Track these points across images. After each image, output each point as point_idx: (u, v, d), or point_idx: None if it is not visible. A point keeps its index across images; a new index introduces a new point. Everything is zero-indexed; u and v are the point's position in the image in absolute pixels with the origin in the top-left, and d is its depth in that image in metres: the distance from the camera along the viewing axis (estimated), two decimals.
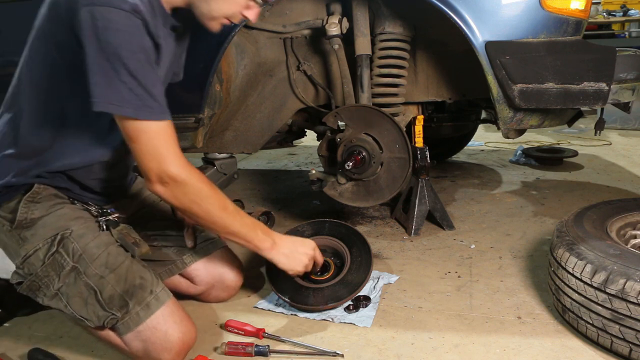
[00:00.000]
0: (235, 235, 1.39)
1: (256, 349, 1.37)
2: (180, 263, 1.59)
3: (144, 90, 1.19)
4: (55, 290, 1.31)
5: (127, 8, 1.14)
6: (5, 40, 2.06)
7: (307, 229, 1.79)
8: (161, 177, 1.25)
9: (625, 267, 1.26)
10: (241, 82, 2.06)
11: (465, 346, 1.40)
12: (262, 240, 1.43)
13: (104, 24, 1.13)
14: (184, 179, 1.27)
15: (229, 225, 1.37)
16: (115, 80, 1.15)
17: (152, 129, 1.22)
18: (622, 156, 3.58)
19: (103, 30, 1.13)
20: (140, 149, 1.23)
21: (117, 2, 1.13)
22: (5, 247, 1.40)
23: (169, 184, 1.26)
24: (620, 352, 1.28)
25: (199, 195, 1.30)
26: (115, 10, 1.13)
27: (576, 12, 1.72)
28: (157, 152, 1.23)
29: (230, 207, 1.37)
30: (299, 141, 3.39)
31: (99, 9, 1.12)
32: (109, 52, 1.14)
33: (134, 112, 1.19)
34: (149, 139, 1.22)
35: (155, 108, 1.21)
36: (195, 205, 1.30)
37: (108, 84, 1.15)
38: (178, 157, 1.26)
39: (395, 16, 2.01)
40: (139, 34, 1.18)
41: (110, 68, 1.15)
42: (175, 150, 1.26)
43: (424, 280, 1.78)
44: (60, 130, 1.33)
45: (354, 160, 1.94)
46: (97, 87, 1.15)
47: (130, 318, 1.29)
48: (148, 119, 1.21)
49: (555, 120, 1.92)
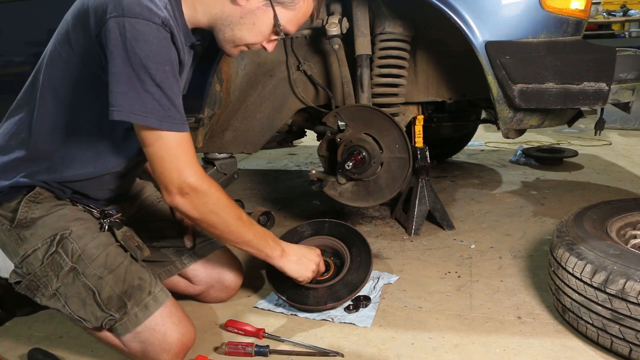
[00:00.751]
0: (249, 245, 1.40)
1: (256, 349, 1.37)
2: (179, 263, 1.59)
3: (168, 101, 1.19)
4: (54, 291, 1.31)
5: (157, 21, 1.15)
6: (5, 40, 2.06)
7: (306, 229, 1.79)
8: (182, 188, 1.24)
9: (625, 267, 1.26)
10: (241, 82, 2.06)
11: (465, 346, 1.40)
12: (273, 249, 1.45)
13: (134, 35, 1.13)
14: (205, 189, 1.27)
15: (244, 234, 1.38)
16: (140, 90, 1.15)
17: (174, 139, 1.22)
18: (622, 156, 3.58)
19: (132, 41, 1.13)
20: (161, 160, 1.23)
21: (147, 15, 1.14)
22: (4, 247, 1.39)
23: (189, 194, 1.25)
24: (620, 352, 1.28)
25: (217, 205, 1.30)
26: (146, 22, 1.14)
27: (576, 12, 1.72)
28: (178, 162, 1.23)
29: (244, 217, 1.38)
30: (299, 141, 3.39)
31: (130, 20, 1.12)
32: (136, 62, 1.14)
33: (158, 123, 1.18)
34: (170, 150, 1.22)
35: (178, 119, 1.22)
36: (214, 215, 1.31)
37: (133, 94, 1.15)
38: (198, 168, 1.27)
39: (395, 16, 2.01)
40: (168, 46, 1.19)
41: (136, 78, 1.15)
42: (195, 161, 1.27)
43: (424, 280, 1.78)
44: (73, 137, 1.33)
45: (354, 160, 1.94)
46: (121, 96, 1.15)
47: (128, 319, 1.29)
48: (170, 130, 1.21)
49: (555, 120, 1.92)
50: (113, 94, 1.15)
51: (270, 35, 1.36)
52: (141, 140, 1.23)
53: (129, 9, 1.13)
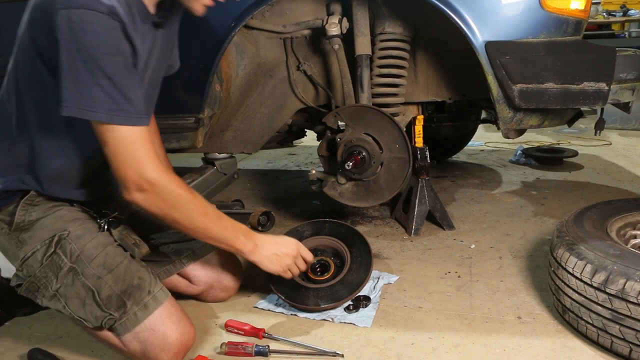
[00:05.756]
0: (217, 240, 1.37)
1: (256, 349, 1.37)
2: (178, 263, 1.58)
3: (120, 94, 1.16)
4: (54, 291, 1.31)
5: (103, 10, 1.12)
6: (5, 40, 2.06)
7: (307, 229, 1.79)
8: (139, 184, 1.21)
9: (625, 267, 1.26)
10: (241, 82, 2.06)
11: (465, 346, 1.40)
12: (244, 244, 1.41)
13: (81, 27, 1.10)
14: (163, 185, 1.23)
15: (210, 230, 1.35)
16: (90, 84, 1.12)
17: (128, 134, 1.18)
18: (622, 156, 3.58)
19: (79, 33, 1.10)
20: (116, 155, 1.20)
21: (93, 4, 1.11)
22: (5, 250, 1.40)
23: (147, 190, 1.22)
24: (620, 352, 1.28)
25: (178, 200, 1.27)
26: (92, 12, 1.11)
27: (576, 12, 1.72)
28: (134, 158, 1.20)
29: (211, 212, 1.34)
30: (299, 141, 3.38)
31: (75, 12, 1.10)
32: (85, 54, 1.11)
33: (107, 117, 1.15)
34: (125, 145, 1.19)
35: (132, 113, 1.18)
36: (175, 211, 1.27)
37: (82, 88, 1.12)
38: (156, 163, 1.23)
39: (395, 16, 2.01)
40: (117, 36, 1.16)
41: (86, 71, 1.12)
42: (152, 156, 1.23)
43: (424, 280, 1.78)
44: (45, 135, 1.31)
45: (354, 160, 1.94)
46: (69, 91, 1.12)
47: (128, 319, 1.29)
48: (123, 124, 1.17)
49: (555, 120, 1.92)
50: (62, 89, 1.13)
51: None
52: (97, 136, 1.20)
53: (74, 0, 1.10)
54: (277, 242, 1.49)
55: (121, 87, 1.16)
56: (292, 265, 1.50)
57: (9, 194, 1.35)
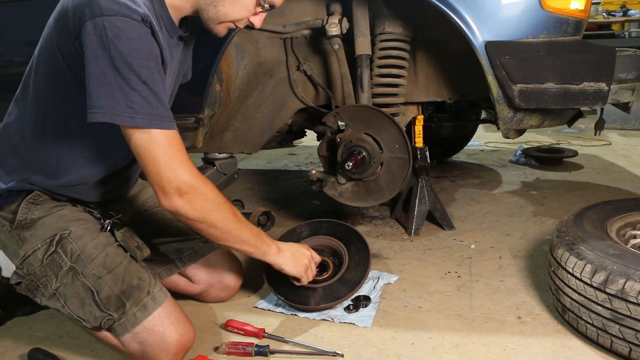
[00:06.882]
0: (247, 243, 1.38)
1: (256, 349, 1.37)
2: (179, 262, 1.59)
3: (155, 98, 1.16)
4: (53, 291, 1.31)
5: (137, 17, 1.12)
6: (5, 41, 2.06)
7: (304, 229, 1.80)
8: (179, 187, 1.20)
9: (625, 267, 1.26)
10: (241, 82, 2.06)
11: (465, 346, 1.40)
12: (270, 246, 1.44)
13: (115, 33, 1.10)
14: (202, 186, 1.24)
15: (242, 233, 1.35)
16: (126, 89, 1.12)
17: (165, 138, 1.18)
18: (622, 156, 3.58)
19: (113, 40, 1.10)
20: (154, 160, 1.18)
21: (126, 11, 1.11)
22: (5, 248, 1.40)
23: (188, 194, 1.21)
24: (620, 352, 1.28)
25: (215, 203, 1.27)
26: (126, 19, 1.11)
27: (576, 12, 1.72)
28: (173, 161, 1.19)
29: (239, 215, 1.35)
30: (299, 141, 3.38)
31: (109, 19, 1.10)
32: (120, 60, 1.11)
33: (147, 122, 1.15)
34: (163, 149, 1.18)
35: (167, 117, 1.19)
36: (214, 213, 1.27)
37: (116, 94, 1.12)
38: (192, 166, 1.24)
39: (395, 16, 2.01)
40: (150, 41, 1.17)
41: (121, 77, 1.11)
42: (188, 159, 1.24)
43: (424, 280, 1.78)
44: (65, 141, 1.32)
45: (354, 160, 1.94)
46: (100, 97, 1.12)
47: (127, 319, 1.29)
48: (160, 128, 1.17)
49: (555, 120, 1.92)
50: (92, 96, 1.12)
51: (255, 9, 1.32)
52: (130, 141, 1.19)
53: (107, 8, 1.10)
54: (292, 244, 1.53)
55: (156, 92, 1.16)
56: (310, 266, 1.53)
57: (12, 193, 1.36)
